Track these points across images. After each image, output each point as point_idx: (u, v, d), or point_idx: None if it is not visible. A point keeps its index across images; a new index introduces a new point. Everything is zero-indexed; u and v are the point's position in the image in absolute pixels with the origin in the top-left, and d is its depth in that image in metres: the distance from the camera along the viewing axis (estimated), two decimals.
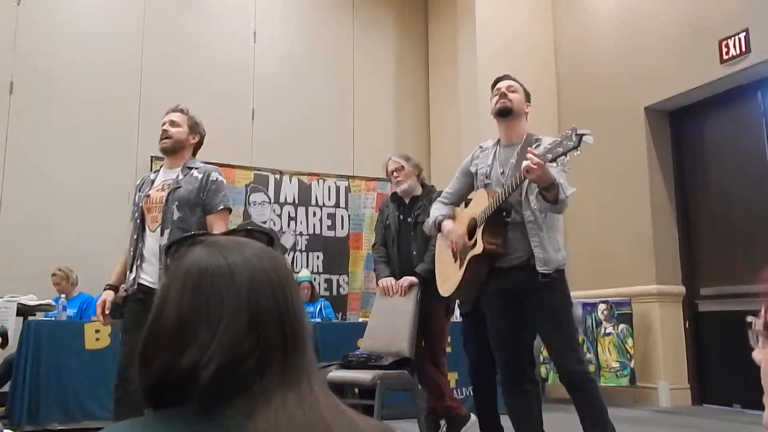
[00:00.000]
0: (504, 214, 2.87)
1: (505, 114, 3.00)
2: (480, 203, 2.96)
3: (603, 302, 6.16)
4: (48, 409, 4.47)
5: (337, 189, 6.76)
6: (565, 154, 2.54)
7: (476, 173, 3.09)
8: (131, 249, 3.21)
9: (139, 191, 3.33)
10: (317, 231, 6.62)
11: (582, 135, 2.49)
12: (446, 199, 3.25)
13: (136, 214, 3.24)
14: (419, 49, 8.39)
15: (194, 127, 3.33)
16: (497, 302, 2.96)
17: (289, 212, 6.54)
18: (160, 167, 3.39)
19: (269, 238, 1.01)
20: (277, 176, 6.54)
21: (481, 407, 3.89)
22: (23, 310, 4.78)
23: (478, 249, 2.86)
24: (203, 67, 7.13)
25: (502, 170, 2.96)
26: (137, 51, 6.88)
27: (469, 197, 3.24)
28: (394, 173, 4.17)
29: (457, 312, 4.28)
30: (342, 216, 6.75)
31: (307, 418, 0.79)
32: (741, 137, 5.82)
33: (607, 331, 6.08)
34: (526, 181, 2.76)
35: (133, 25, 6.92)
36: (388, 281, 4.07)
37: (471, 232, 2.97)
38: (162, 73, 6.83)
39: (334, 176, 6.79)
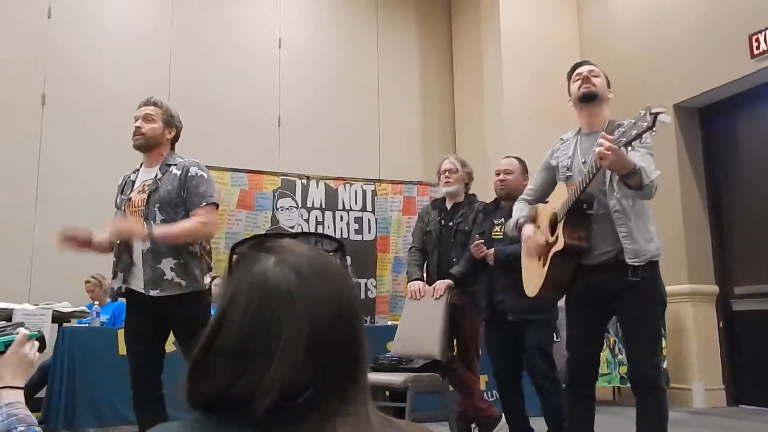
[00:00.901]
0: (585, 206, 2.71)
1: (589, 99, 2.82)
2: (560, 197, 2.83)
3: None
4: (83, 414, 4.53)
5: (364, 193, 6.74)
6: (640, 136, 2.36)
7: (557, 166, 2.93)
8: (115, 255, 3.04)
9: (121, 193, 3.14)
10: (344, 235, 6.61)
11: (657, 113, 2.29)
12: (528, 196, 3.11)
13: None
14: (443, 52, 8.38)
15: (169, 121, 3.10)
16: (578, 307, 2.84)
17: (316, 217, 6.55)
18: (140, 165, 3.16)
19: (339, 245, 1.00)
20: (304, 181, 6.56)
21: (509, 410, 3.87)
22: (58, 317, 4.86)
23: (560, 245, 2.72)
24: (229, 75, 7.22)
25: (584, 160, 2.79)
26: (165, 60, 6.97)
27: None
28: (447, 173, 4.17)
29: None
30: (369, 220, 6.74)
31: None
32: None
33: None
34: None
35: (161, 35, 7.03)
36: (417, 284, 4.08)
37: (553, 228, 2.82)
38: (189, 81, 6.91)
39: (361, 180, 6.79)
